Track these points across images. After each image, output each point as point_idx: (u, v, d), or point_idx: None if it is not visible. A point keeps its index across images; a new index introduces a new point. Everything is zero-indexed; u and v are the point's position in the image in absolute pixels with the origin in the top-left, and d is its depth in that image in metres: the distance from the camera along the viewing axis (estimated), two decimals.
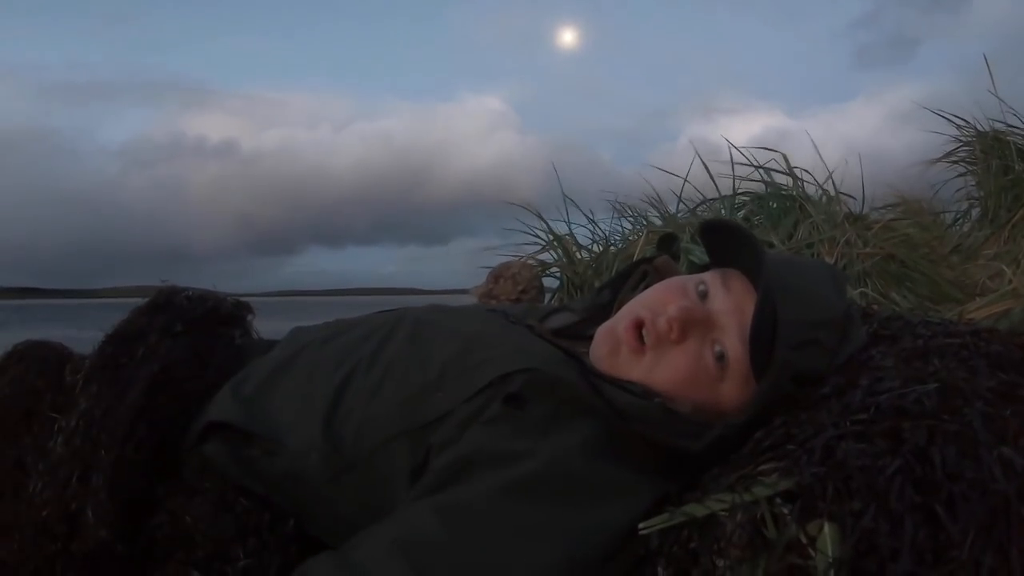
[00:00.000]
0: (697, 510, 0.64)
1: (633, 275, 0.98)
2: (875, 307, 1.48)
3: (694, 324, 0.82)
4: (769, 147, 2.80)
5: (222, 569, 0.81)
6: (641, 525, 0.67)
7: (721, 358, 0.81)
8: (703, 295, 0.84)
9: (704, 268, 0.91)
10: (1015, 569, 0.55)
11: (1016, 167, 3.47)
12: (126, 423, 0.87)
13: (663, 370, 0.82)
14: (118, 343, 0.95)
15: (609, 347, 0.86)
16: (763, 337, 0.77)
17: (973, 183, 3.66)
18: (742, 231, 0.84)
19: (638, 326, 0.84)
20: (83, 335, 1.02)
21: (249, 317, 1.09)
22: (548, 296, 2.19)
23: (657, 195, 2.75)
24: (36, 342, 1.03)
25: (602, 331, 0.89)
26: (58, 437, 0.88)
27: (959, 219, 3.63)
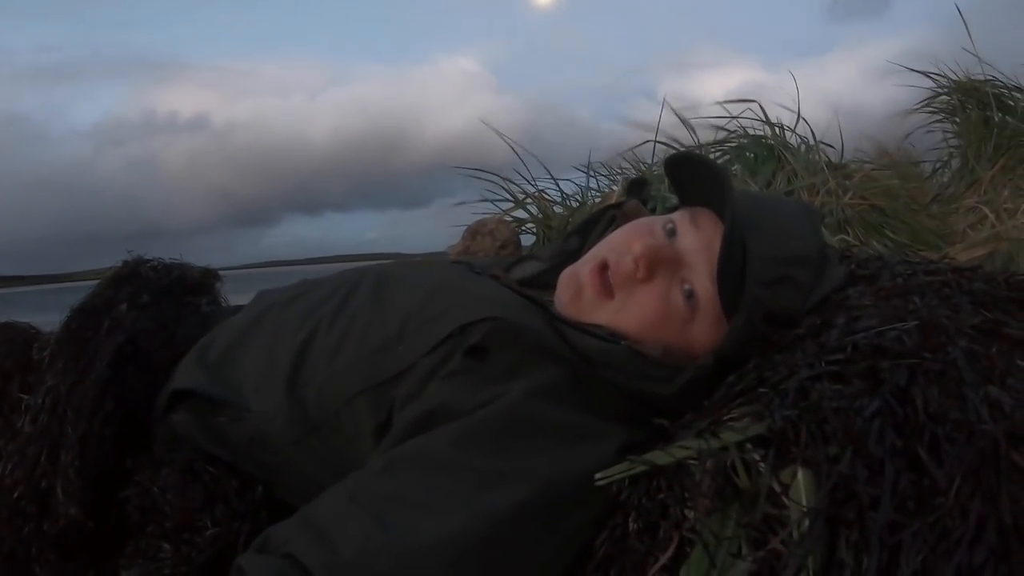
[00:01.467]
0: (659, 458, 0.58)
1: (601, 220, 0.93)
2: (853, 249, 1.42)
3: (661, 262, 0.76)
4: (745, 97, 2.72)
5: (191, 539, 0.78)
6: (598, 475, 0.62)
7: (690, 296, 0.76)
8: (671, 233, 0.79)
9: (675, 209, 0.85)
10: (1004, 516, 0.49)
11: (995, 116, 3.39)
12: (92, 397, 0.83)
13: (630, 311, 0.77)
14: (83, 317, 0.91)
15: (572, 292, 0.81)
16: (731, 273, 0.72)
17: (952, 133, 3.58)
18: (708, 164, 0.78)
19: (603, 268, 0.79)
20: None
21: (217, 284, 1.04)
22: (525, 252, 2.14)
23: (632, 151, 2.67)
24: (2, 323, 0.99)
25: (565, 276, 0.83)
26: (25, 416, 0.84)
27: (938, 169, 3.55)
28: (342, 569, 0.59)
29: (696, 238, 0.77)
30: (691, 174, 0.80)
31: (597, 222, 0.93)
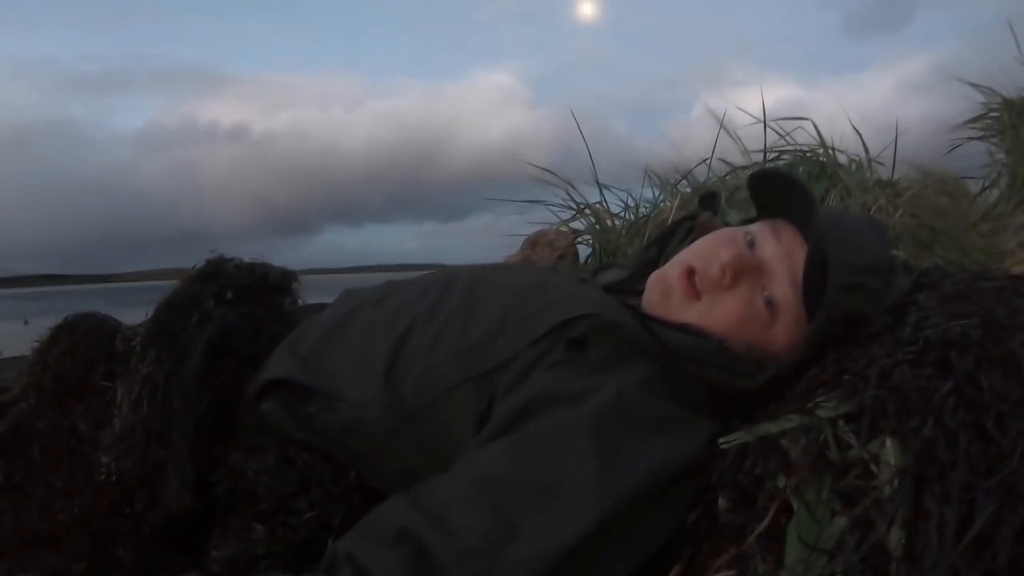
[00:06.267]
0: (768, 429, 0.70)
1: (678, 231, 1.04)
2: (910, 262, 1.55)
3: (745, 270, 0.88)
4: (793, 116, 2.84)
5: (287, 521, 0.85)
6: (721, 440, 0.72)
7: (770, 303, 0.87)
8: (750, 244, 0.90)
9: (748, 223, 0.97)
10: None
11: None
12: (190, 386, 0.90)
13: (717, 314, 0.88)
14: (171, 310, 0.97)
15: (661, 293, 0.92)
16: (815, 279, 0.82)
17: (1000, 151, 3.67)
18: (794, 180, 0.89)
19: (690, 273, 0.89)
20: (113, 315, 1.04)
21: (295, 285, 1.11)
22: (582, 263, 2.23)
23: (686, 163, 2.79)
24: (86, 313, 1.03)
25: (654, 278, 0.94)
26: (122, 404, 0.89)
27: (987, 187, 3.64)
28: (470, 557, 0.63)
29: (777, 248, 0.88)
30: (772, 189, 0.92)
31: (673, 233, 1.04)
